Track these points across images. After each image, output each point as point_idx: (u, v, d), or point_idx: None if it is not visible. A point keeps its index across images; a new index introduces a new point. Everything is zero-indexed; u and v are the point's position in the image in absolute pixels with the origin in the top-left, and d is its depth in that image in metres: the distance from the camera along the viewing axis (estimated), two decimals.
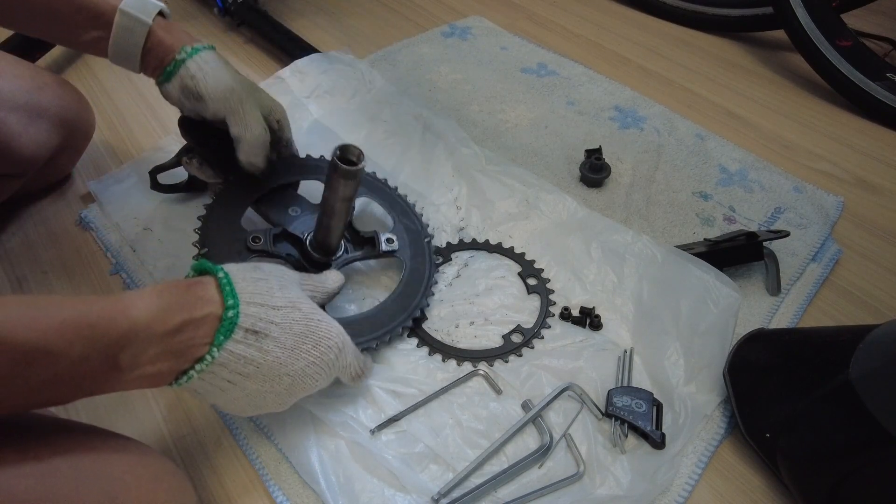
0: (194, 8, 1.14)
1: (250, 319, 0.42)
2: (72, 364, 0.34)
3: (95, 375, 0.36)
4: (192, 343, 0.40)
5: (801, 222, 0.74)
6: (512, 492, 0.50)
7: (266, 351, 0.42)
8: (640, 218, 0.74)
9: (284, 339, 0.43)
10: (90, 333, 0.35)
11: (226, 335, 0.41)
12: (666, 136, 0.86)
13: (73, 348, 0.34)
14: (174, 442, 0.54)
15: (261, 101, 0.61)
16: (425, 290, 0.62)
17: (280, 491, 0.50)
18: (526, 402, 0.55)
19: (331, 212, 0.55)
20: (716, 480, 0.53)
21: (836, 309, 0.66)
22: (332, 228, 0.57)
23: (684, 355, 0.58)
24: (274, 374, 0.43)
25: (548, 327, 0.61)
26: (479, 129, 0.87)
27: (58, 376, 0.34)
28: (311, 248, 0.59)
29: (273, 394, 0.45)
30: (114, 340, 0.36)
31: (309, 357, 0.45)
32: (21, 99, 0.66)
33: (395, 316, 0.59)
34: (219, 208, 0.60)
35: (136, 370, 0.38)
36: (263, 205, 0.63)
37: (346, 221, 0.57)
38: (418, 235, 0.65)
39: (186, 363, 0.40)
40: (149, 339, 0.37)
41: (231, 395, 0.43)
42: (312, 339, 0.45)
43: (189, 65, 0.57)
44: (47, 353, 0.33)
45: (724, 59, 1.05)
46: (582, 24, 1.13)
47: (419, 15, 1.14)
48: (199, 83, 0.57)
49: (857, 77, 0.91)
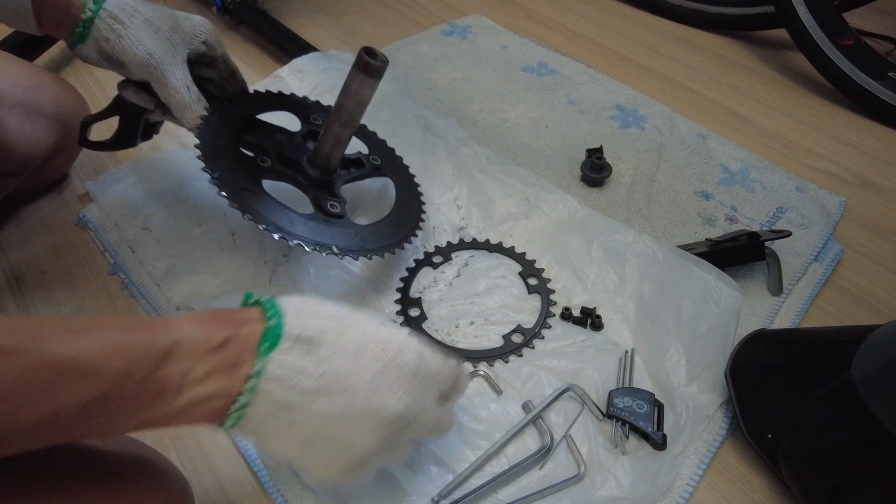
0: (193, 6, 1.14)
1: (298, 328, 0.36)
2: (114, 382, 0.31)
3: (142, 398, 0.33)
4: (239, 360, 0.35)
5: (803, 222, 0.74)
6: (512, 493, 0.50)
7: (323, 359, 0.36)
8: (641, 218, 0.74)
9: (344, 344, 0.37)
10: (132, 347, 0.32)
11: (271, 344, 0.35)
12: (667, 135, 0.86)
13: (113, 363, 0.31)
14: (173, 443, 0.54)
15: (183, 38, 0.57)
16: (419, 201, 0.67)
17: (279, 492, 0.50)
18: (526, 403, 0.55)
19: (345, 119, 0.55)
20: (717, 481, 0.52)
21: (838, 309, 0.66)
22: (341, 139, 0.57)
23: (686, 356, 0.57)
24: (339, 387, 0.36)
25: (548, 327, 0.61)
26: (479, 128, 0.87)
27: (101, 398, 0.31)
28: (309, 167, 0.60)
29: (351, 421, 0.36)
30: (157, 355, 0.33)
31: (377, 363, 0.37)
32: (18, 97, 0.66)
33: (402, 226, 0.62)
34: (213, 136, 0.58)
35: (186, 392, 0.34)
36: (249, 135, 0.61)
37: (353, 131, 0.58)
38: (392, 156, 0.71)
39: (237, 383, 0.35)
40: (194, 355, 0.34)
41: (300, 429, 0.36)
42: (379, 340, 0.38)
43: (99, 25, 0.53)
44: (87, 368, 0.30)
45: (726, 57, 1.05)
46: (583, 22, 1.13)
47: (419, 13, 1.14)
48: (116, 48, 0.54)
49: (859, 76, 0.91)
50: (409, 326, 0.61)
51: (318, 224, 0.56)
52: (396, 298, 0.64)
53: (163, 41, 0.56)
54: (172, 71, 0.56)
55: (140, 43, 0.54)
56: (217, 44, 0.62)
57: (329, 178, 0.61)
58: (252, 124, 0.63)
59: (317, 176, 0.60)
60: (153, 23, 0.55)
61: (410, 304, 0.63)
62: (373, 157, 0.68)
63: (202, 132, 0.57)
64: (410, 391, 0.38)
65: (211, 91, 0.63)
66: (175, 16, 0.58)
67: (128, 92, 0.61)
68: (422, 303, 0.63)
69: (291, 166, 0.60)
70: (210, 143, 0.57)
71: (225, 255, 0.65)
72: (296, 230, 0.54)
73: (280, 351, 0.35)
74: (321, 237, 0.55)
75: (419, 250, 0.68)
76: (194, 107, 0.58)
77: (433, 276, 0.66)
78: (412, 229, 0.63)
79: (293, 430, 0.36)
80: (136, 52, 0.54)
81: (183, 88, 0.57)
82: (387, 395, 0.37)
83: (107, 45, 0.54)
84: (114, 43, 0.54)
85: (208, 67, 0.62)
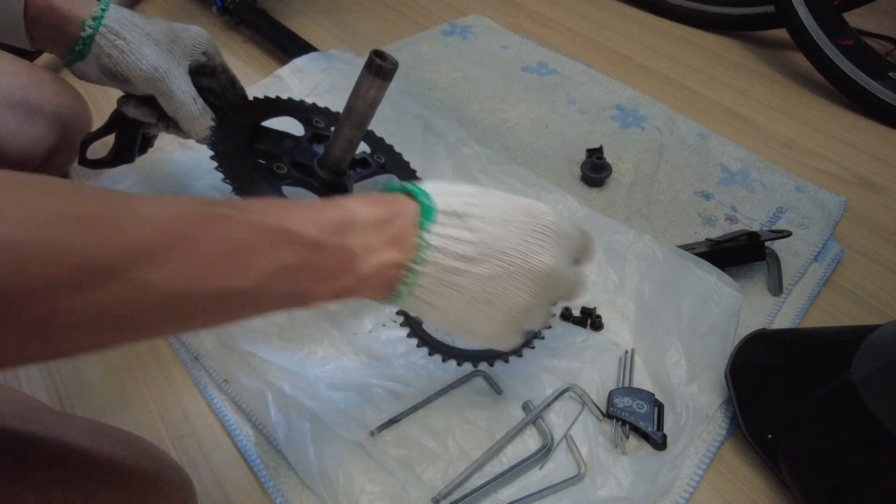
0: (193, 7, 1.14)
1: (446, 204, 0.39)
2: (312, 248, 0.34)
3: (333, 265, 0.35)
4: (403, 231, 0.38)
5: (803, 222, 0.74)
6: (512, 493, 0.50)
7: (476, 229, 0.39)
8: (641, 218, 0.74)
9: (491, 214, 0.40)
10: (319, 218, 0.35)
11: (428, 218, 0.38)
12: (667, 135, 0.86)
13: (308, 230, 0.34)
14: (173, 443, 0.54)
15: (183, 50, 0.58)
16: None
17: (279, 492, 0.50)
18: (526, 403, 0.55)
19: (356, 122, 0.56)
20: (717, 481, 0.52)
21: (838, 309, 0.66)
22: (353, 141, 0.58)
23: (686, 356, 0.57)
24: (495, 250, 0.39)
25: (549, 327, 0.61)
26: (479, 128, 0.87)
27: (303, 263, 0.34)
28: (320, 170, 0.60)
29: (510, 280, 0.40)
30: (340, 226, 0.36)
31: (525, 226, 0.40)
32: (17, 96, 0.66)
33: None
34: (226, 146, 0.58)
35: (368, 260, 0.36)
36: (259, 143, 0.62)
37: (364, 133, 0.58)
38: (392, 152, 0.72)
39: (407, 253, 0.38)
40: (367, 226, 0.37)
41: (466, 292, 0.39)
42: (520, 208, 0.41)
43: (100, 42, 0.53)
44: (290, 234, 0.33)
45: (726, 57, 1.05)
46: (583, 22, 1.13)
47: (419, 13, 1.14)
48: (120, 64, 0.53)
49: (859, 76, 0.91)
50: (409, 326, 0.61)
51: None
52: None
53: (165, 54, 0.56)
54: (178, 84, 0.56)
55: (144, 57, 0.54)
56: (216, 53, 0.62)
57: (340, 179, 0.61)
58: (259, 132, 0.63)
59: (329, 178, 0.60)
60: (153, 36, 0.55)
61: None
62: (377, 156, 0.68)
63: (215, 143, 0.57)
64: (557, 250, 0.41)
65: (212, 101, 0.63)
66: (173, 28, 0.58)
67: (129, 108, 0.60)
68: None
69: (304, 171, 0.61)
70: (224, 153, 0.57)
71: None
72: None
73: (438, 224, 0.38)
74: None
75: None
76: (201, 119, 0.58)
77: None
78: None
79: (460, 294, 0.39)
80: (140, 66, 0.54)
81: (189, 101, 0.57)
82: (539, 254, 0.40)
83: (109, 61, 0.53)
84: (117, 59, 0.53)
85: (208, 77, 0.62)
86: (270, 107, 0.66)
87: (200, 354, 0.59)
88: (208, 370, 0.58)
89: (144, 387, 0.58)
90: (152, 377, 0.59)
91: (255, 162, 0.58)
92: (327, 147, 0.59)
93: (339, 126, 0.58)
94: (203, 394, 0.57)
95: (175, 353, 0.60)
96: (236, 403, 0.56)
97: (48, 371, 0.59)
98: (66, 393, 0.58)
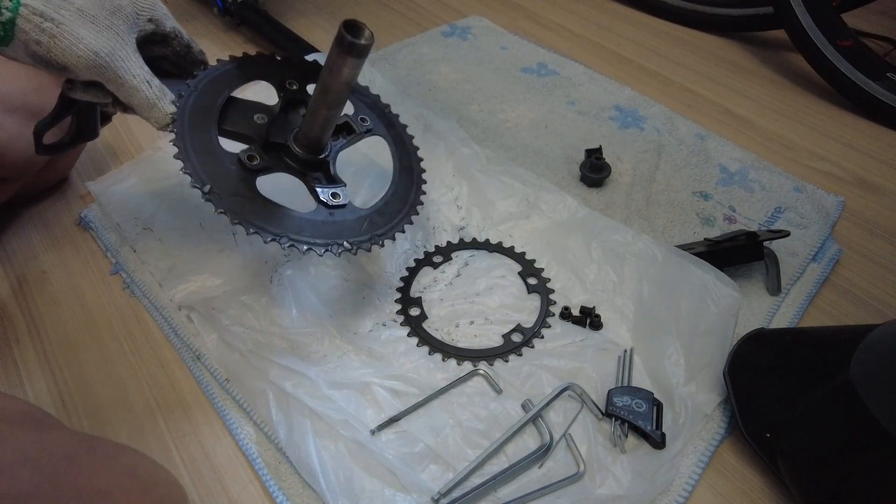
0: (194, 7, 1.14)
1: None
2: None
3: None
4: None
5: (802, 222, 0.74)
6: (512, 492, 0.50)
7: None
8: (640, 218, 0.74)
9: None
10: None
11: None
12: (666, 135, 0.86)
13: None
14: (174, 441, 0.54)
15: (126, 21, 0.49)
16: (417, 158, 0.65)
17: (280, 491, 0.50)
18: (526, 402, 0.55)
19: (331, 100, 0.51)
20: (716, 480, 0.53)
21: (836, 309, 0.66)
22: (329, 119, 0.53)
23: (684, 355, 0.58)
24: None
25: (548, 327, 0.61)
26: (479, 128, 0.87)
27: None
28: (298, 149, 0.55)
29: None
30: None
31: None
32: (17, 100, 0.65)
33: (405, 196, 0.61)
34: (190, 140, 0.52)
35: None
36: (227, 124, 0.55)
37: (342, 109, 0.53)
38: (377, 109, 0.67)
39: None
40: None
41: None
42: None
43: (24, 26, 0.44)
44: None
45: (725, 58, 1.05)
46: (582, 23, 1.13)
47: (419, 14, 1.14)
48: (52, 51, 0.45)
49: (858, 77, 0.91)
50: (409, 326, 0.61)
51: (323, 220, 0.54)
52: (397, 298, 0.64)
53: (105, 32, 0.47)
54: (126, 67, 0.49)
55: (80, 41, 0.46)
56: (164, 17, 0.54)
57: (321, 156, 0.57)
58: (228, 105, 0.56)
59: (308, 157, 0.56)
60: (87, 12, 0.47)
61: (411, 304, 0.63)
62: (361, 118, 0.63)
63: (179, 136, 0.51)
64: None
65: (167, 69, 0.56)
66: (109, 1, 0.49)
67: (76, 93, 0.52)
68: (422, 302, 0.63)
69: (279, 150, 0.56)
70: (190, 147, 0.51)
71: (226, 255, 0.66)
72: (303, 233, 0.52)
73: None
74: (330, 234, 0.53)
75: (419, 250, 0.69)
76: (160, 104, 0.51)
77: (433, 276, 0.67)
78: (416, 195, 0.61)
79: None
80: (77, 52, 0.46)
81: (143, 85, 0.50)
82: None
83: (39, 48, 0.45)
84: (48, 45, 0.45)
85: (160, 45, 0.55)
86: (236, 73, 0.58)
87: (202, 354, 0.59)
88: (210, 369, 0.58)
89: (146, 386, 0.58)
90: (154, 377, 0.59)
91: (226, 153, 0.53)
92: (303, 126, 0.54)
93: (314, 105, 0.52)
94: (205, 393, 0.57)
95: (177, 352, 0.60)
96: (237, 402, 0.56)
97: (51, 371, 0.60)
98: (69, 393, 0.58)
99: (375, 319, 0.62)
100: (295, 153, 0.55)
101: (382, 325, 0.61)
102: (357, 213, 0.56)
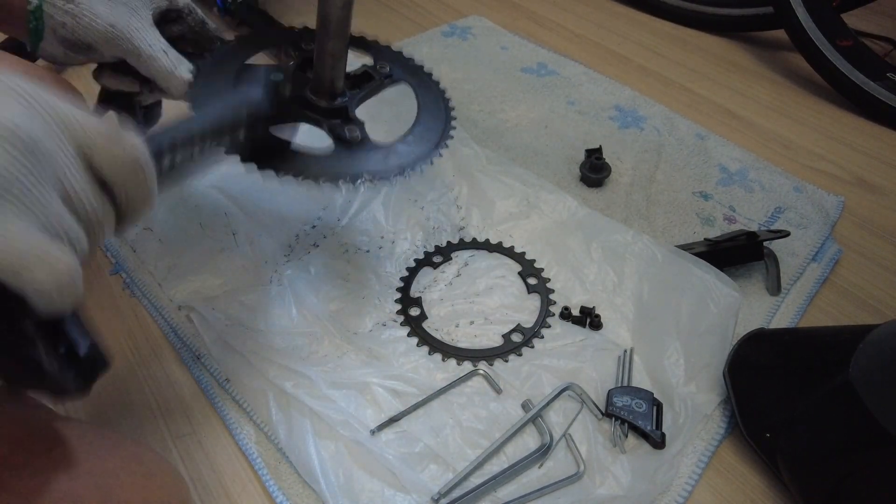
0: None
1: None
2: None
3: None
4: None
5: (802, 222, 0.74)
6: (512, 492, 0.50)
7: None
8: (640, 218, 0.74)
9: None
10: None
11: None
12: (666, 135, 0.86)
13: None
14: (174, 441, 0.54)
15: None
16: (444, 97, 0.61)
17: (280, 490, 0.50)
18: (526, 402, 0.55)
19: (334, 30, 0.50)
20: (716, 480, 0.53)
21: (836, 309, 0.66)
22: (337, 54, 0.52)
23: (684, 355, 0.58)
24: None
25: (548, 327, 0.61)
26: (479, 128, 0.87)
27: None
28: (315, 98, 0.54)
29: None
30: None
31: None
32: None
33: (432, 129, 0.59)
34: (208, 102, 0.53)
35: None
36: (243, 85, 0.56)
37: (348, 42, 0.52)
38: (400, 58, 0.64)
39: None
40: None
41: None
42: None
43: (50, 11, 0.48)
44: None
45: (725, 58, 1.05)
46: (582, 23, 1.13)
47: (419, 14, 1.14)
48: (77, 31, 0.49)
49: (858, 77, 0.91)
50: (409, 326, 0.61)
51: (340, 157, 0.52)
52: (396, 298, 0.64)
53: (120, 7, 0.50)
54: (142, 38, 0.51)
55: (97, 17, 0.49)
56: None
57: (340, 103, 0.55)
58: (243, 71, 0.56)
59: (326, 105, 0.54)
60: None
61: (411, 304, 0.63)
62: (380, 66, 0.61)
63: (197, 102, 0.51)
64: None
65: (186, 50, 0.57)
66: None
67: (105, 79, 0.55)
68: (422, 302, 0.63)
69: (297, 102, 0.55)
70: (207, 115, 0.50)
71: (226, 255, 0.66)
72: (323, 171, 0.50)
73: None
74: (347, 168, 0.50)
75: (419, 250, 0.69)
76: (177, 71, 0.52)
77: (433, 276, 0.67)
78: (446, 128, 0.58)
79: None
80: (97, 27, 0.49)
81: (160, 54, 0.51)
82: None
83: (65, 30, 0.48)
84: (72, 26, 0.48)
85: (175, 24, 0.56)
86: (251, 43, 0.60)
87: (202, 354, 0.59)
88: (210, 369, 0.58)
89: (146, 386, 0.58)
90: (154, 377, 0.59)
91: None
92: (314, 69, 0.54)
93: (319, 41, 0.52)
94: (205, 393, 0.57)
95: (177, 352, 0.60)
96: (237, 402, 0.56)
97: None
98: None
99: (375, 319, 0.62)
100: (312, 102, 0.55)
101: (382, 325, 0.61)
102: (378, 149, 0.54)
